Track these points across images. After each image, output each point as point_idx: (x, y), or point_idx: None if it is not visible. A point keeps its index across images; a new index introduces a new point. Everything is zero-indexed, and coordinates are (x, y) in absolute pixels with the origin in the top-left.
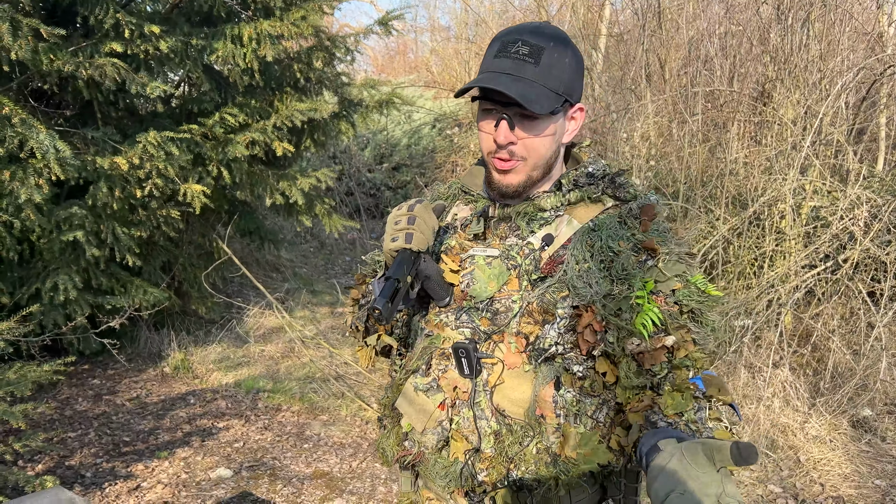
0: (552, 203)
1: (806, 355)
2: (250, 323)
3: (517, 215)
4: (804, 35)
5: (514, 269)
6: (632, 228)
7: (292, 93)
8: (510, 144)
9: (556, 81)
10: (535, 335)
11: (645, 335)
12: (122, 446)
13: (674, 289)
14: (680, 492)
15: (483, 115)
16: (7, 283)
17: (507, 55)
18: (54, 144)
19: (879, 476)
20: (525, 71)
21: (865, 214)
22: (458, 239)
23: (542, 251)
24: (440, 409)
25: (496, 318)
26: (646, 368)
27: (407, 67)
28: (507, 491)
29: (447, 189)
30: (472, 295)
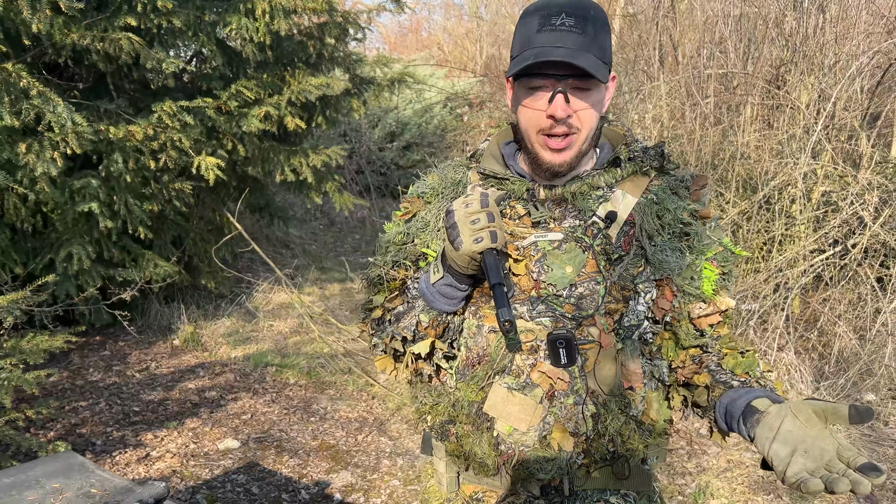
0: (606, 180)
1: (812, 339)
2: (259, 298)
3: (573, 196)
4: (820, 18)
5: (587, 251)
6: (684, 198)
7: (304, 69)
8: (568, 118)
9: (602, 50)
10: (620, 312)
11: (713, 300)
12: (132, 416)
13: (716, 252)
14: (804, 449)
15: (528, 93)
16: (21, 254)
17: (553, 28)
18: (71, 117)
19: (881, 459)
20: (576, 42)
21: (876, 200)
22: (513, 227)
23: (608, 229)
24: (544, 402)
25: (582, 302)
26: (702, 329)
27: (419, 45)
28: (606, 468)
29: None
30: (551, 283)
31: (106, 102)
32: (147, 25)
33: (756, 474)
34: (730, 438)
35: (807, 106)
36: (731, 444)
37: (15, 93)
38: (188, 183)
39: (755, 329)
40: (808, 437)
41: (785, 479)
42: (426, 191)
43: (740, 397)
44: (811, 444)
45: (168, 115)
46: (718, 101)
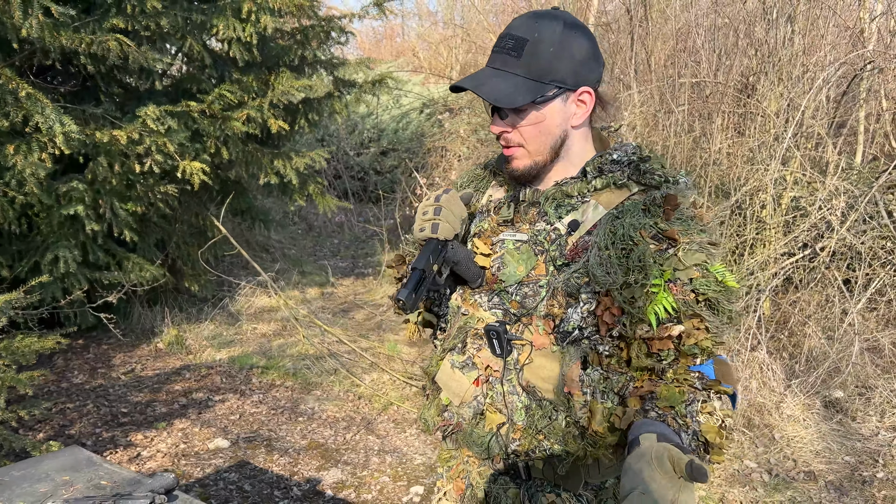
0: (578, 189)
1: (783, 340)
2: (242, 302)
3: (545, 200)
4: (788, 29)
5: (541, 255)
6: (655, 216)
7: (288, 72)
8: (504, 133)
9: (540, 70)
10: (561, 318)
11: (654, 324)
12: (121, 417)
13: (692, 277)
14: (641, 491)
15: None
16: (7, 257)
17: (497, 50)
18: (60, 119)
19: (849, 453)
20: (508, 64)
21: (842, 205)
22: (491, 222)
23: (569, 236)
24: (475, 384)
25: (525, 301)
26: (653, 352)
27: (394, 52)
28: (539, 460)
29: (482, 170)
30: (503, 279)
31: (91, 106)
32: (135, 27)
33: (732, 468)
34: None
35: (776, 114)
36: None
37: (3, 95)
38: (173, 186)
39: None
40: (653, 482)
41: None
42: (464, 179)
43: (637, 428)
44: (651, 489)
45: (153, 119)
46: (691, 109)
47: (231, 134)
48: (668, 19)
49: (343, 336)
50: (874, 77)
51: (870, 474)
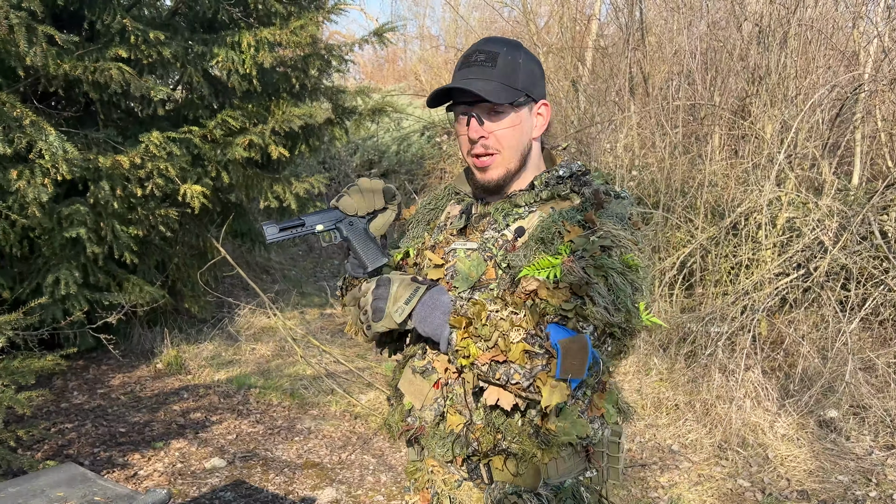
0: (525, 200)
1: (778, 359)
2: (241, 322)
3: (495, 211)
4: (782, 53)
5: (489, 260)
6: (583, 212)
7: (288, 99)
8: (482, 138)
9: (513, 78)
10: None
11: (519, 277)
12: (119, 437)
13: (593, 254)
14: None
15: (457, 121)
16: (8, 279)
17: (469, 65)
18: (63, 145)
19: (842, 472)
20: (484, 73)
21: (835, 225)
22: (445, 234)
23: (515, 242)
24: (435, 387)
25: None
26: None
27: (396, 75)
28: (499, 458)
29: (443, 191)
30: (456, 285)
31: (93, 131)
32: (137, 56)
33: (725, 487)
34: (702, 453)
35: (770, 136)
36: (701, 459)
37: (7, 122)
38: (174, 209)
39: (723, 349)
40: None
41: None
42: (422, 202)
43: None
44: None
45: (155, 144)
46: (687, 130)
47: (232, 159)
48: (663, 43)
49: (340, 356)
50: (869, 99)
51: (863, 493)
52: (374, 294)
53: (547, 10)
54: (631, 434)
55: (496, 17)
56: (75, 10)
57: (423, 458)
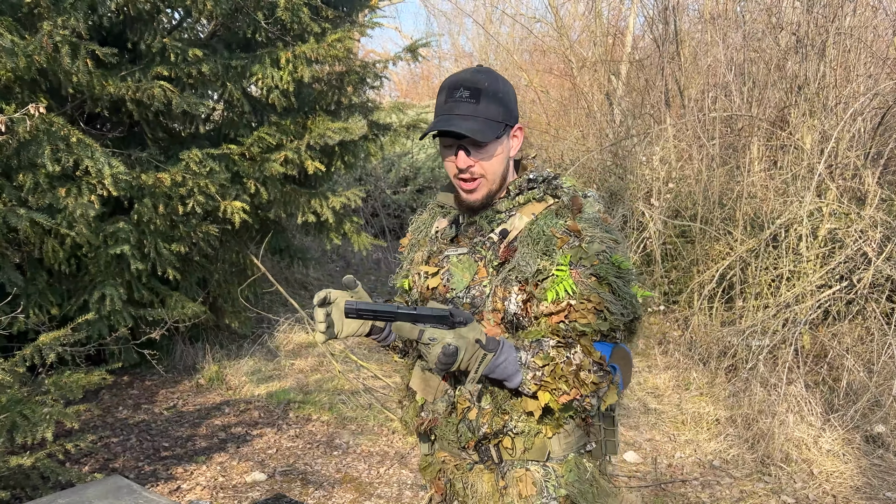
0: (505, 206)
1: (822, 373)
2: (280, 338)
3: (480, 218)
4: (821, 62)
5: (481, 261)
6: (564, 217)
7: (324, 115)
8: (469, 168)
9: (495, 112)
10: (504, 310)
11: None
12: (162, 451)
13: (593, 264)
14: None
15: (444, 149)
16: (56, 296)
17: (455, 100)
18: (109, 162)
19: (890, 489)
20: (469, 109)
21: (879, 236)
22: (438, 245)
23: (501, 243)
24: (444, 380)
25: (475, 301)
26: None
27: (430, 92)
28: (508, 438)
29: (428, 212)
30: (453, 287)
31: (137, 150)
32: (178, 74)
33: (769, 503)
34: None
35: (810, 146)
36: (743, 474)
37: (56, 141)
38: (214, 226)
39: (765, 363)
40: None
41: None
42: (414, 227)
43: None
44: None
45: (195, 161)
46: (724, 142)
47: (270, 175)
48: (697, 55)
49: (378, 371)
50: None
51: None
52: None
53: (580, 24)
54: (671, 449)
55: (528, 35)
56: (119, 33)
57: (434, 452)
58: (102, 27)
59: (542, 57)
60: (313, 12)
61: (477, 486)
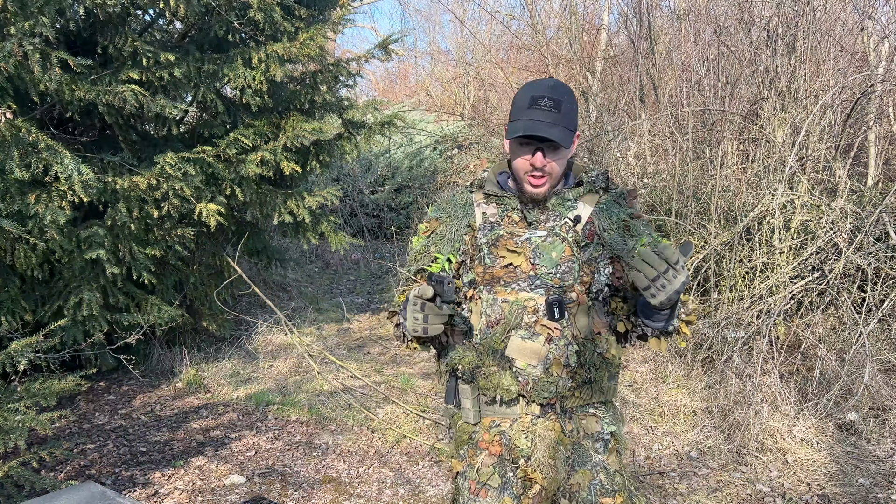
0: (574, 195)
1: (796, 363)
2: (259, 340)
3: (554, 205)
4: (791, 56)
5: (564, 242)
6: (623, 205)
7: (299, 115)
8: (544, 167)
9: (571, 122)
10: (589, 282)
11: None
12: (140, 456)
13: (650, 241)
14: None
15: (519, 148)
16: (30, 302)
17: (538, 107)
18: (78, 168)
19: (863, 475)
20: (551, 118)
21: (849, 227)
22: (505, 229)
23: (576, 225)
24: (546, 344)
25: (564, 276)
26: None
27: (408, 92)
28: (579, 389)
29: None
30: (543, 265)
31: (109, 154)
32: (149, 78)
33: (745, 493)
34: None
35: (782, 139)
36: (720, 465)
37: (24, 147)
38: (190, 229)
39: (740, 354)
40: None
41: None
42: (442, 214)
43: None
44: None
45: (170, 165)
46: (698, 137)
47: (245, 176)
48: (671, 51)
49: (357, 371)
50: (881, 99)
51: (884, 496)
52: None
53: (555, 21)
54: (648, 442)
55: (504, 31)
56: (88, 36)
57: (480, 420)
58: (70, 31)
59: (519, 54)
60: (286, 12)
61: (545, 436)
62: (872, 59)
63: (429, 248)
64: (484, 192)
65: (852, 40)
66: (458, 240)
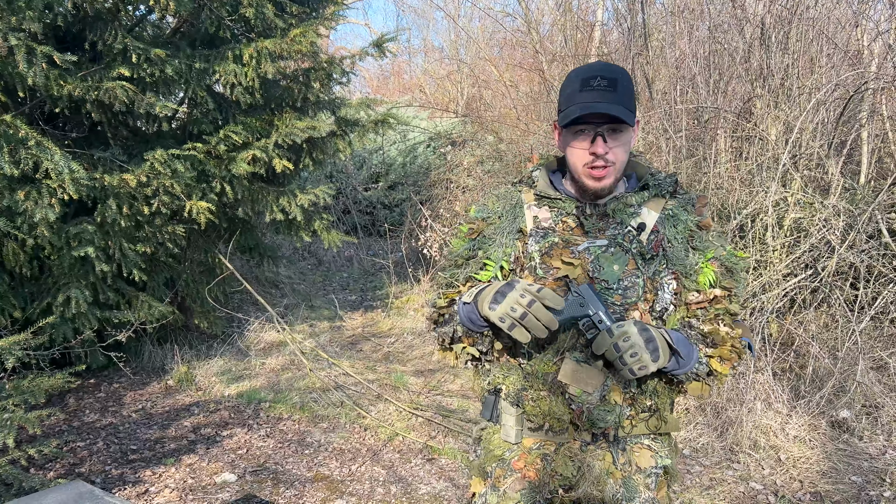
0: (637, 200)
1: (788, 361)
2: (251, 337)
3: (613, 212)
4: (784, 54)
5: (627, 253)
6: (691, 213)
7: (291, 112)
8: (605, 154)
9: (630, 102)
10: (653, 299)
11: (704, 288)
12: (130, 454)
13: (722, 255)
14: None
15: (574, 137)
16: (19, 299)
17: (592, 88)
18: (68, 165)
19: (856, 473)
20: (609, 97)
21: (842, 224)
22: (562, 236)
23: (640, 235)
24: (605, 368)
25: (627, 292)
26: (695, 313)
27: (401, 88)
28: (646, 419)
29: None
30: (604, 278)
31: (100, 151)
32: (140, 75)
33: (737, 491)
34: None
35: (775, 137)
36: (713, 463)
37: (13, 143)
38: (180, 226)
39: None
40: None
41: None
42: (489, 214)
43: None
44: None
45: (160, 162)
46: (691, 134)
47: (237, 173)
48: (666, 48)
49: (349, 368)
50: (874, 97)
51: (877, 493)
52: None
53: (549, 18)
54: None
55: (498, 28)
56: (77, 32)
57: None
58: (58, 27)
59: (513, 51)
60: (278, 8)
61: (594, 465)
62: (866, 57)
63: (476, 253)
64: (536, 192)
65: (846, 37)
66: (510, 244)
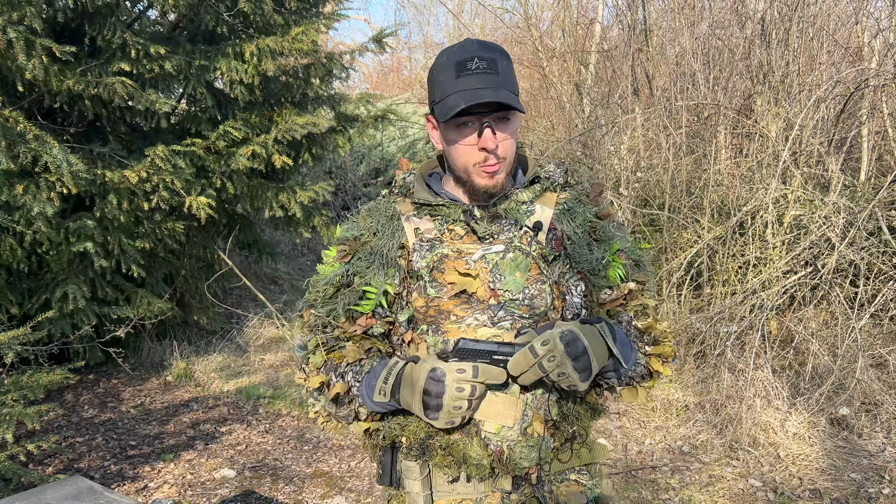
0: (528, 196)
1: (788, 358)
2: (250, 333)
3: (506, 212)
4: (785, 51)
5: (528, 256)
6: (587, 204)
7: (291, 108)
8: (496, 149)
9: (513, 83)
10: (562, 307)
11: (617, 283)
12: (129, 450)
13: (626, 246)
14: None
15: (457, 132)
16: (16, 295)
17: (470, 72)
18: (67, 158)
19: (855, 470)
20: (492, 81)
21: (842, 222)
22: (452, 246)
23: (538, 235)
24: (522, 394)
25: (534, 301)
26: (612, 312)
27: (401, 84)
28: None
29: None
30: (507, 289)
31: (98, 146)
32: (139, 70)
33: (737, 487)
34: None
35: (775, 134)
36: (712, 459)
37: (12, 137)
38: (180, 222)
39: (732, 349)
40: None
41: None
42: (362, 232)
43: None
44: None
45: (161, 158)
46: (691, 131)
47: (236, 169)
48: (666, 44)
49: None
50: (875, 94)
51: (876, 491)
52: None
53: (549, 15)
54: (640, 436)
55: (498, 24)
56: (76, 27)
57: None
58: (58, 22)
59: (512, 47)
60: (277, 4)
61: None
62: (867, 54)
63: (351, 279)
64: (412, 200)
65: (846, 34)
66: (393, 264)
